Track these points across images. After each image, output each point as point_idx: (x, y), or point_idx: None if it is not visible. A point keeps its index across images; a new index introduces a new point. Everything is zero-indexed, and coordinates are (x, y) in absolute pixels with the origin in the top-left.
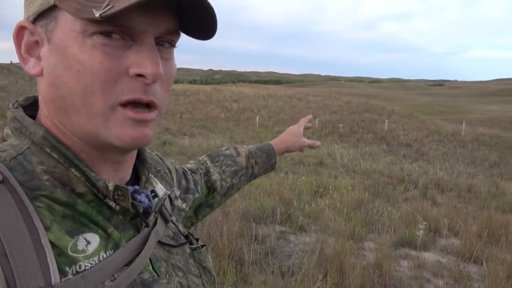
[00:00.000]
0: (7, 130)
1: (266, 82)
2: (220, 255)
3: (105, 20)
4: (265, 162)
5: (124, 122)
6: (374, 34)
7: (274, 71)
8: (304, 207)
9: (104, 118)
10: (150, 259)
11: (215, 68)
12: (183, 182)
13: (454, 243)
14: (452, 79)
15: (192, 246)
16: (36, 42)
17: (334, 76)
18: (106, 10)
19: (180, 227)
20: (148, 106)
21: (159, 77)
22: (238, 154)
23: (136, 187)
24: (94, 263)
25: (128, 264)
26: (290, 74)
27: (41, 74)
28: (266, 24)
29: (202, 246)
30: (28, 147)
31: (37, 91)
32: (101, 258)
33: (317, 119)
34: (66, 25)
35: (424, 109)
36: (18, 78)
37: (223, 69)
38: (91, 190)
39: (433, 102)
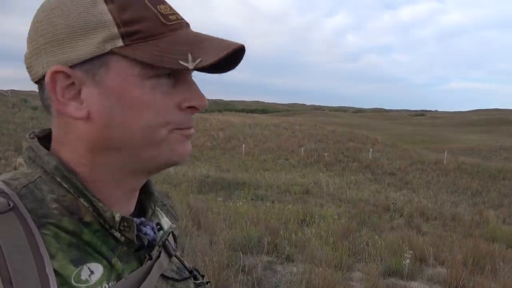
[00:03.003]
0: (20, 159)
1: (252, 111)
2: None
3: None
4: None
5: (180, 141)
6: (357, 65)
7: (261, 100)
8: (291, 236)
9: (164, 143)
10: None
11: None
12: None
13: (440, 272)
14: (433, 109)
15: (196, 282)
16: (70, 85)
17: (319, 106)
18: (198, 63)
19: (185, 262)
20: None
21: (206, 107)
22: None
23: (143, 219)
24: None
25: None
26: (276, 103)
27: (87, 117)
28: (253, 54)
29: (207, 282)
30: (40, 176)
31: (66, 132)
32: None
33: (302, 148)
34: (123, 70)
35: (407, 139)
36: (0, 105)
37: (210, 97)
38: (97, 220)
39: (415, 132)
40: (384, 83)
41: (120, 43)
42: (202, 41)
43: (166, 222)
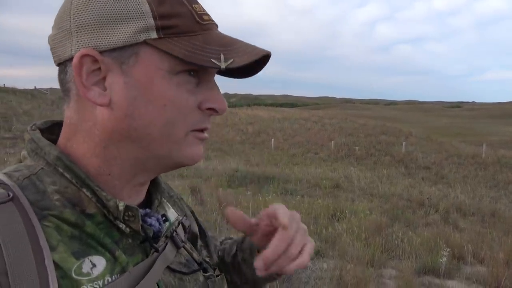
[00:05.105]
0: (23, 152)
1: (281, 105)
2: None
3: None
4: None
5: (194, 143)
6: (389, 57)
7: (290, 94)
8: (321, 231)
9: (178, 143)
10: (158, 286)
11: (231, 92)
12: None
13: (480, 271)
14: (470, 100)
15: (206, 274)
16: (96, 70)
17: (349, 99)
18: (230, 64)
19: (195, 254)
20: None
21: (225, 111)
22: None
23: (148, 210)
24: (98, 287)
25: None
26: (305, 97)
27: (108, 104)
28: (282, 48)
29: (218, 275)
30: (42, 168)
31: (84, 118)
32: (106, 282)
33: (333, 141)
34: (152, 62)
35: (442, 131)
36: (40, 103)
37: (239, 92)
38: (101, 211)
39: (451, 124)
40: (417, 75)
41: (154, 35)
42: (234, 44)
43: (172, 214)
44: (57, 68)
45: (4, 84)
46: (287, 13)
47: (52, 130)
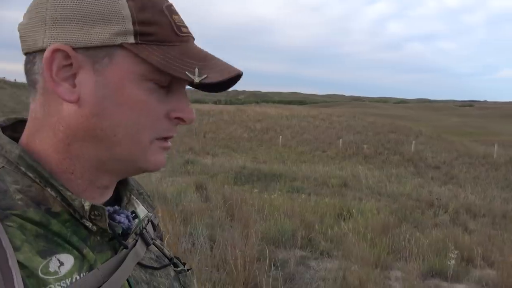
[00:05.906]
0: None
1: (289, 102)
2: (235, 282)
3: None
4: None
5: (158, 151)
6: (399, 54)
7: (298, 91)
8: (327, 231)
9: (144, 149)
10: (129, 282)
11: (239, 89)
12: None
13: (489, 275)
14: (482, 99)
15: (176, 269)
16: (67, 65)
17: (359, 97)
18: (203, 79)
19: (165, 250)
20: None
21: (193, 122)
22: None
23: (116, 207)
24: (65, 285)
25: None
26: (314, 94)
27: (76, 101)
28: (291, 45)
29: (188, 269)
30: (3, 166)
31: (49, 113)
32: (73, 280)
33: (341, 139)
34: (126, 66)
35: (453, 130)
36: None
37: (247, 89)
38: (67, 210)
39: (463, 123)
40: (428, 73)
41: (131, 39)
42: (209, 59)
43: (142, 211)
44: (24, 57)
45: (15, 79)
46: (296, 10)
47: (15, 128)
